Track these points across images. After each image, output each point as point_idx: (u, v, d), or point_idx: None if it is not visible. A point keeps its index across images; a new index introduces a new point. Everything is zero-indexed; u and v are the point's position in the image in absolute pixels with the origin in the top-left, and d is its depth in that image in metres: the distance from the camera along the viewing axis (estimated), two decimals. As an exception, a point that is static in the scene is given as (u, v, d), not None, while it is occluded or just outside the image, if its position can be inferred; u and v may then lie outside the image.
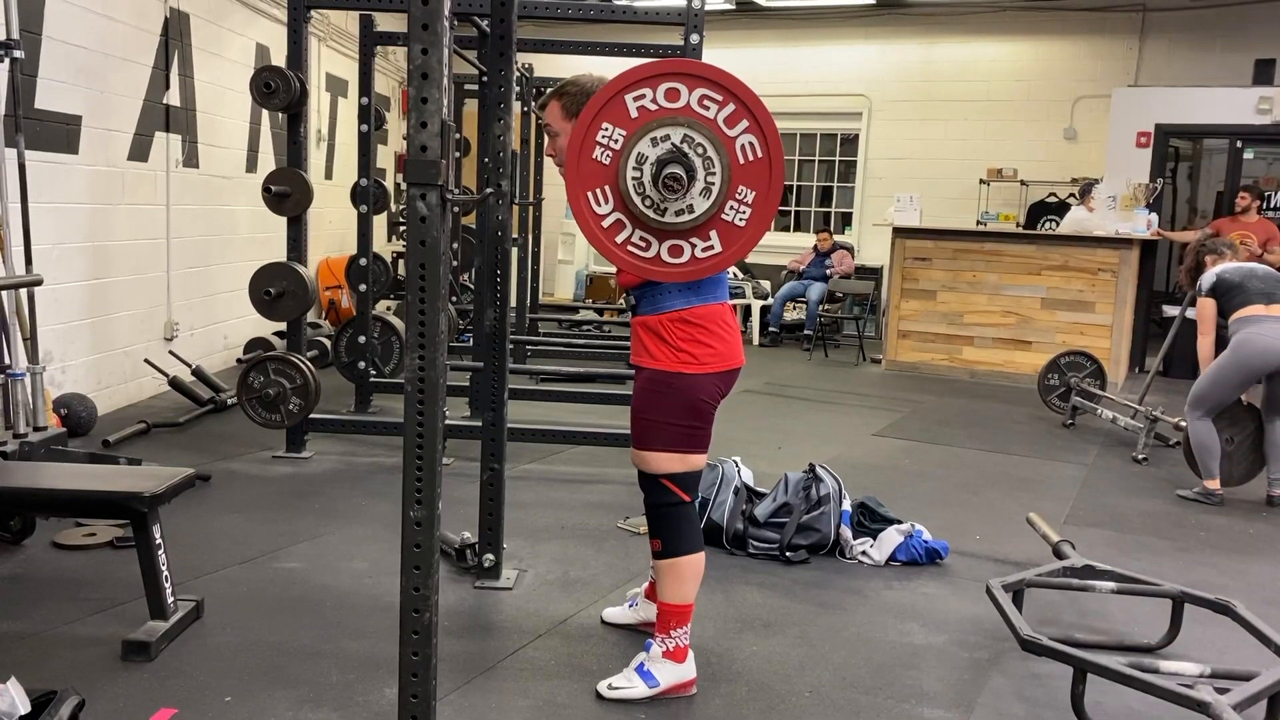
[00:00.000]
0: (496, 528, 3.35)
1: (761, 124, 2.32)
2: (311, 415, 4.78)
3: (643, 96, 2.32)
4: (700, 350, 2.52)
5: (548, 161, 9.72)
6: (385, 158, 9.92)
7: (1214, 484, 4.81)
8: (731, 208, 2.36)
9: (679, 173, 2.28)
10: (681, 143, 2.31)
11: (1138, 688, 2.39)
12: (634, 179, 2.33)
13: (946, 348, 8.28)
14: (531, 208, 8.13)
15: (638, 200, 2.34)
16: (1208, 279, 5.00)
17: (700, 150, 2.31)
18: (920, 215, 8.45)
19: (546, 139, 2.75)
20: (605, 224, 2.40)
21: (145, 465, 3.98)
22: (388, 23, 6.02)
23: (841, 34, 10.64)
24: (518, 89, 6.66)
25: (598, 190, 2.38)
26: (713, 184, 2.32)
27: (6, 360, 4.07)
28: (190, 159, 6.38)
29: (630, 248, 2.40)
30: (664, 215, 2.36)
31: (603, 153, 2.36)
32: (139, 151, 5.78)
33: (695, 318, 2.52)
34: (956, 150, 10.30)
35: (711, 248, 2.39)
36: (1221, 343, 4.91)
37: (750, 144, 2.33)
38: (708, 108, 2.31)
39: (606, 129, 2.34)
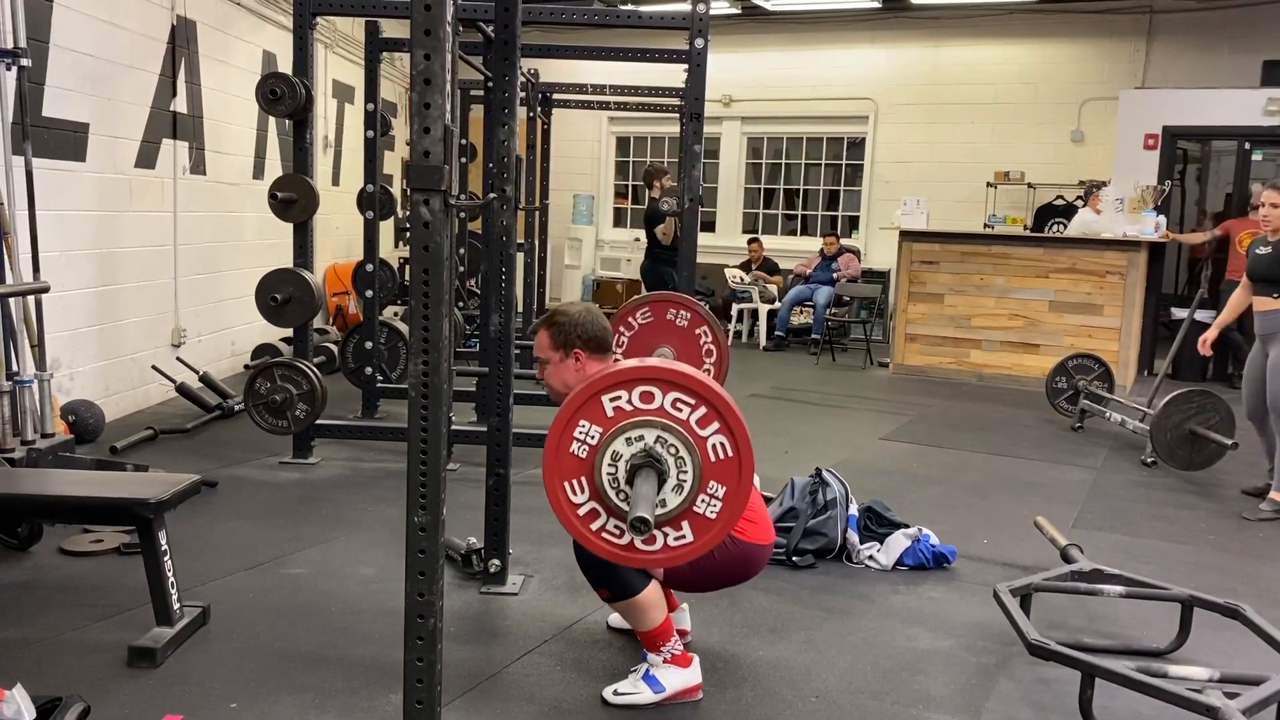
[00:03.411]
0: (502, 533, 3.35)
1: (731, 426, 2.41)
2: (318, 421, 4.79)
3: (619, 398, 2.41)
4: (745, 523, 2.66)
5: (553, 166, 9.71)
6: (392, 163, 9.94)
7: None
8: (703, 501, 2.43)
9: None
10: (655, 443, 2.39)
11: (1146, 692, 2.38)
12: (609, 474, 2.41)
13: (954, 351, 8.26)
14: (537, 213, 8.13)
15: (612, 494, 2.42)
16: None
17: (673, 450, 2.40)
18: (927, 218, 8.44)
19: (537, 366, 2.88)
20: (581, 512, 2.46)
21: (152, 471, 3.99)
22: (393, 29, 6.03)
23: (847, 37, 10.63)
24: (522, 94, 6.66)
25: (574, 481, 2.45)
26: (685, 480, 2.41)
27: (14, 367, 4.08)
28: (197, 166, 6.40)
29: (605, 534, 2.47)
30: None
31: (579, 447, 2.43)
32: (146, 158, 5.80)
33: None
34: (963, 153, 10.27)
35: (683, 537, 2.46)
36: (1232, 343, 4.88)
37: (721, 444, 2.41)
38: (680, 410, 2.40)
39: (584, 425, 2.42)
